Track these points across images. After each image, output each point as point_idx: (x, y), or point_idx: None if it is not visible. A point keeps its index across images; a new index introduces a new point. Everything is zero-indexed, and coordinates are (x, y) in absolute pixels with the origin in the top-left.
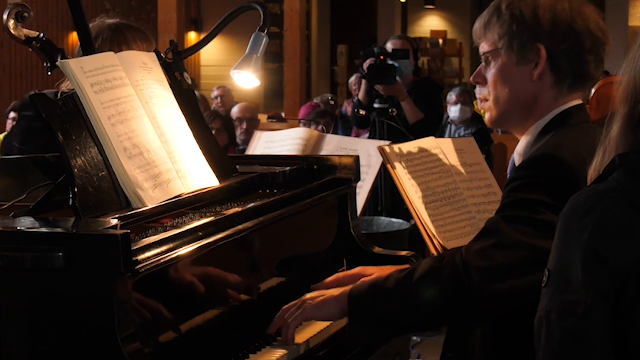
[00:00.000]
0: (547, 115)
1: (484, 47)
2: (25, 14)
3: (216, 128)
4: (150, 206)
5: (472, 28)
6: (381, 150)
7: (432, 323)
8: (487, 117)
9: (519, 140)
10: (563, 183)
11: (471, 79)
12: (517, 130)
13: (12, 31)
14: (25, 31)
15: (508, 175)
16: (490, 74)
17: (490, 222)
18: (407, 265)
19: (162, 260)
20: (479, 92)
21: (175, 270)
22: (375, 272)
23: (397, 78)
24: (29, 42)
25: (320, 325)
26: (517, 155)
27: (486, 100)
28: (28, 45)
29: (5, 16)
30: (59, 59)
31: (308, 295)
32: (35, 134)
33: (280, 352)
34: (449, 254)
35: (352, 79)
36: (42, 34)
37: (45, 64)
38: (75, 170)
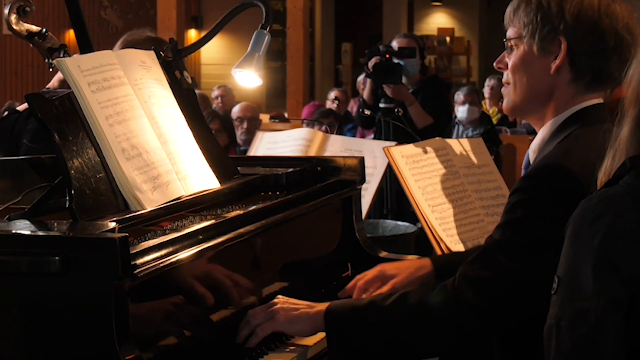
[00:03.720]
0: (565, 112)
1: (509, 33)
2: (27, 9)
3: (214, 129)
4: (149, 209)
5: (480, 25)
6: (387, 151)
7: (417, 355)
8: (504, 102)
9: (527, 142)
10: (569, 194)
11: (494, 64)
12: (534, 122)
13: (13, 26)
14: (27, 26)
15: (523, 171)
16: (512, 60)
17: (488, 245)
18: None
19: (161, 265)
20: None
21: (175, 275)
22: (395, 272)
23: (403, 78)
24: (30, 37)
25: None
26: (532, 151)
27: (508, 84)
28: (30, 41)
29: (6, 11)
30: (60, 56)
31: (279, 304)
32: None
33: (285, 356)
34: (441, 286)
35: (361, 77)
36: (44, 29)
37: (46, 60)
38: (72, 171)
